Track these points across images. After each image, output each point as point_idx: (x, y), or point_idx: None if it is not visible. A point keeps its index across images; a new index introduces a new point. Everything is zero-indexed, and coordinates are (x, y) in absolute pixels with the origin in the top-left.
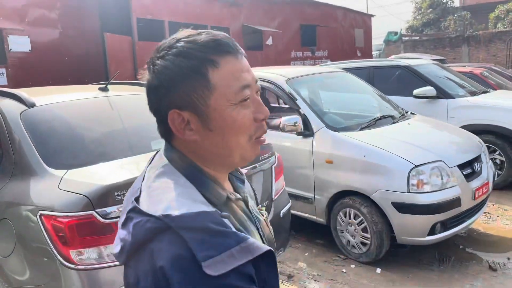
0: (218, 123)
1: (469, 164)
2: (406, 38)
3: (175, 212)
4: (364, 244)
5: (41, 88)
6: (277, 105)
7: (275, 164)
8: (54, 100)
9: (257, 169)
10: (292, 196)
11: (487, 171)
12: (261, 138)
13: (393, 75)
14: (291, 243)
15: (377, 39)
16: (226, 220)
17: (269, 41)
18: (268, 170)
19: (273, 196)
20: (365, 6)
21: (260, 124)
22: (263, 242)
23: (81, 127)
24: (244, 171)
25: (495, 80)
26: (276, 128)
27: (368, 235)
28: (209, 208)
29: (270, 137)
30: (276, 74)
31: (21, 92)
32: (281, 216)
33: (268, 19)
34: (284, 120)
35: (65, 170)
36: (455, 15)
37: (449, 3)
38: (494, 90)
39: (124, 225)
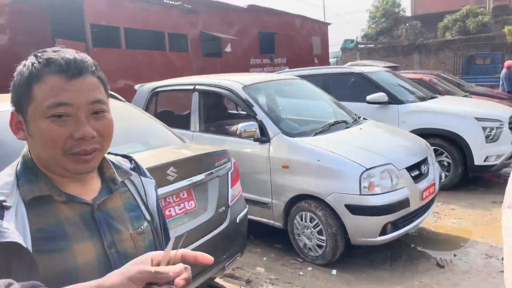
0: (32, 130)
1: (416, 166)
2: (362, 46)
3: None
4: (320, 246)
5: None
6: (235, 111)
7: (231, 171)
8: None
9: (213, 175)
10: (251, 201)
11: (434, 173)
12: (82, 156)
13: (348, 82)
14: (250, 248)
15: (335, 47)
16: (6, 211)
17: (228, 48)
18: (224, 176)
19: (229, 202)
20: (323, 15)
21: (78, 142)
22: (106, 251)
23: None
24: (200, 177)
25: (443, 86)
26: (234, 134)
27: (324, 238)
28: None
29: (229, 144)
30: (233, 81)
31: None
32: (237, 221)
33: (227, 26)
34: (241, 126)
35: None
36: (407, 24)
37: (400, 12)
38: (442, 96)
39: None
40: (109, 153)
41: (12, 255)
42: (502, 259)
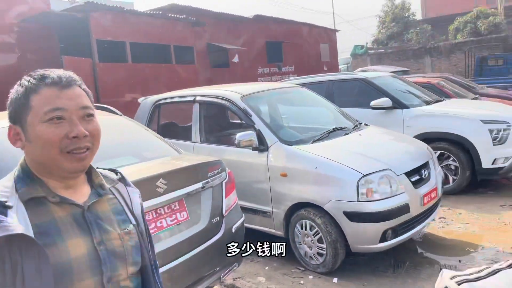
0: (32, 135)
1: (416, 171)
2: (372, 51)
3: None
4: (320, 254)
5: None
6: (238, 121)
7: (225, 180)
8: None
9: (206, 186)
10: (251, 210)
11: (435, 177)
12: (77, 154)
13: (352, 88)
14: (252, 258)
15: (345, 53)
16: (8, 210)
17: (235, 59)
18: (217, 187)
19: (224, 212)
20: (333, 22)
21: (73, 141)
22: (96, 248)
23: None
24: (192, 187)
25: (451, 89)
26: (234, 144)
27: (324, 246)
28: None
29: (228, 153)
30: (231, 91)
31: None
32: (233, 231)
33: (233, 37)
34: (239, 136)
35: None
36: (417, 28)
37: (411, 16)
38: (450, 98)
39: None
40: (97, 168)
41: (21, 247)
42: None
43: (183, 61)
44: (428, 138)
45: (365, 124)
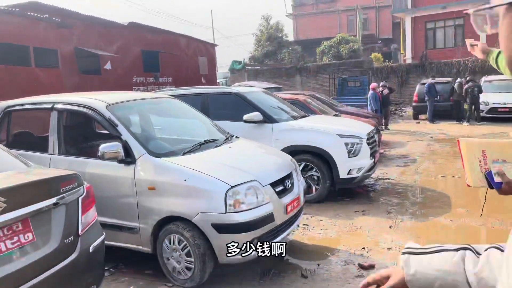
0: None
1: (281, 181)
2: (250, 67)
3: None
4: (189, 268)
5: None
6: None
7: (82, 196)
8: None
9: (60, 203)
10: (116, 227)
11: (298, 187)
12: None
13: (226, 102)
14: (116, 278)
15: (224, 67)
16: None
17: (108, 66)
18: (72, 203)
19: (80, 231)
20: (212, 36)
21: None
22: None
23: None
24: (39, 205)
25: (316, 106)
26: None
27: (192, 259)
28: None
29: (91, 166)
30: (96, 99)
31: None
32: (90, 251)
33: (106, 43)
34: (102, 147)
35: None
36: (289, 49)
37: (284, 37)
38: (314, 114)
39: None
40: None
41: None
42: (359, 264)
43: (45, 64)
44: (294, 150)
45: (236, 137)
